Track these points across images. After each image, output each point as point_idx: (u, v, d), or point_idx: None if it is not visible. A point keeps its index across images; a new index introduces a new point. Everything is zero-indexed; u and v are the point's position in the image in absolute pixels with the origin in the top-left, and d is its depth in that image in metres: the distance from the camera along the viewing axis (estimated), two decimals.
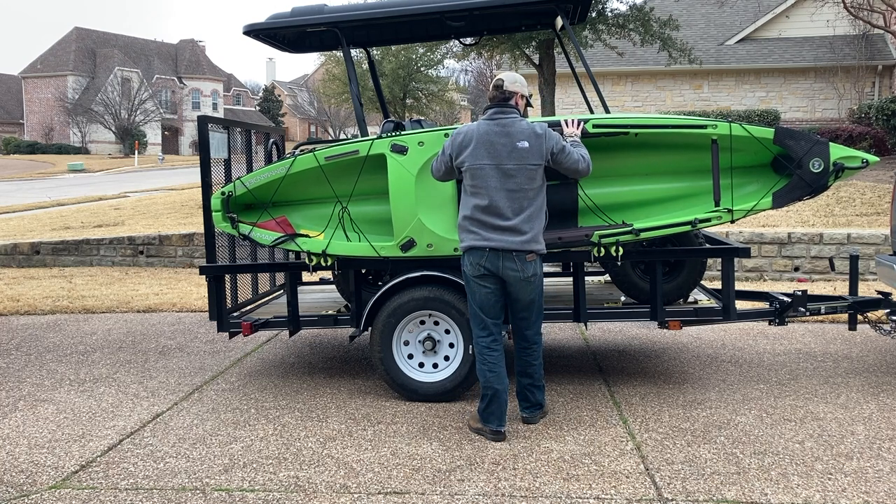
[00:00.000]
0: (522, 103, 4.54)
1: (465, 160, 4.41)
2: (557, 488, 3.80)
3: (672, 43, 17.10)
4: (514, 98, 4.47)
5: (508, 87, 4.45)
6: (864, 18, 21.12)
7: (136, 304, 8.72)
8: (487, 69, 44.12)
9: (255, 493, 3.82)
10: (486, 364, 4.48)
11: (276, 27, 5.32)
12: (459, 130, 4.50)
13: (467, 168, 4.42)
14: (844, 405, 4.96)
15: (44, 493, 3.87)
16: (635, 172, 5.10)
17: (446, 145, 4.52)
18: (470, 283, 4.49)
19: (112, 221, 14.87)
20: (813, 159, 4.85)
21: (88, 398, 5.44)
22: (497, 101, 4.45)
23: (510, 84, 4.46)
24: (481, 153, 4.37)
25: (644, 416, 4.82)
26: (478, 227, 4.40)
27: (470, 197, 4.43)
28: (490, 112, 4.45)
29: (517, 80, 4.52)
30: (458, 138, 4.46)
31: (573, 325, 7.35)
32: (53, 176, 35.53)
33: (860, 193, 13.10)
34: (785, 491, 3.73)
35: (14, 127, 62.52)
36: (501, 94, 4.44)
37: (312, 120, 73.90)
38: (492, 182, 4.36)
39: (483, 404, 4.50)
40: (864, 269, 9.43)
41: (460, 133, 4.47)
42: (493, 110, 4.44)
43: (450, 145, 4.50)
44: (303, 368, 6.09)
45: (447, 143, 4.52)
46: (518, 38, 16.55)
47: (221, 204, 5.21)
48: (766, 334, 6.94)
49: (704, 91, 24.48)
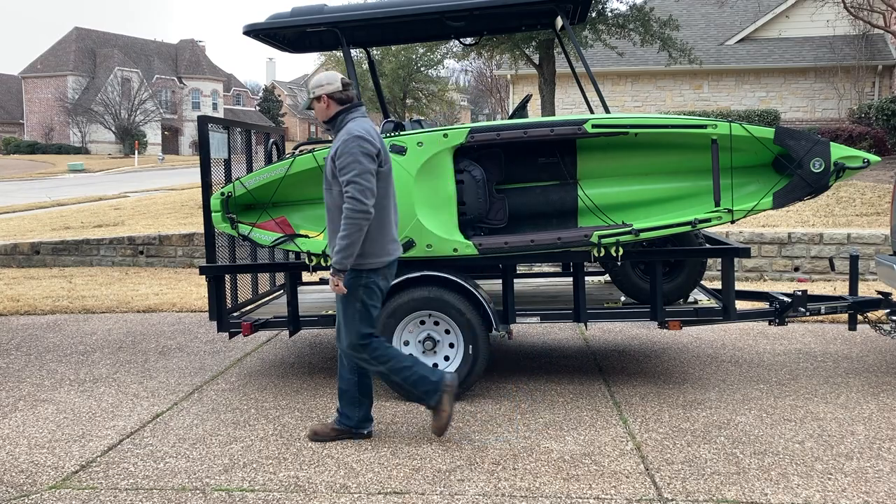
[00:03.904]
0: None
1: (383, 161, 4.26)
2: (557, 488, 3.80)
3: (672, 43, 17.10)
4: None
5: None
6: (864, 18, 21.12)
7: (136, 304, 8.72)
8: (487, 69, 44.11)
9: (255, 493, 3.82)
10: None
11: (276, 27, 5.32)
12: (366, 131, 4.17)
13: (387, 170, 4.28)
14: (844, 405, 4.96)
15: (44, 493, 3.87)
16: (635, 172, 5.10)
17: (369, 151, 4.13)
18: (376, 297, 4.36)
19: (112, 221, 14.87)
20: (814, 159, 4.85)
21: (88, 398, 5.44)
22: (358, 98, 4.42)
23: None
24: (387, 153, 4.33)
25: (644, 416, 4.82)
26: (394, 235, 4.40)
27: (384, 199, 4.28)
28: (362, 109, 4.34)
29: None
30: (374, 140, 4.20)
31: (573, 325, 7.35)
32: (53, 176, 35.53)
33: (860, 193, 13.09)
34: (785, 491, 3.73)
35: (14, 127, 62.51)
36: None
37: (312, 120, 73.90)
38: (392, 185, 4.36)
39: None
40: (864, 269, 9.42)
41: (368, 133, 4.17)
42: (362, 108, 4.35)
43: (373, 151, 4.16)
44: (303, 368, 6.08)
45: (368, 149, 4.13)
46: (518, 38, 16.55)
47: (221, 204, 5.21)
48: (766, 334, 6.94)
49: (704, 91, 24.48)
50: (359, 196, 4.07)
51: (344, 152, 4.13)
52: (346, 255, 4.14)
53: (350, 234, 4.11)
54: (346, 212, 4.10)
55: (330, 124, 4.35)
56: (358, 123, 4.23)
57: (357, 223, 4.10)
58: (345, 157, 4.12)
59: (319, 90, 4.31)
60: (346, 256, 4.14)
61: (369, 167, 4.12)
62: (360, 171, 4.09)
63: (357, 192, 4.07)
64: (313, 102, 4.36)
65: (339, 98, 4.30)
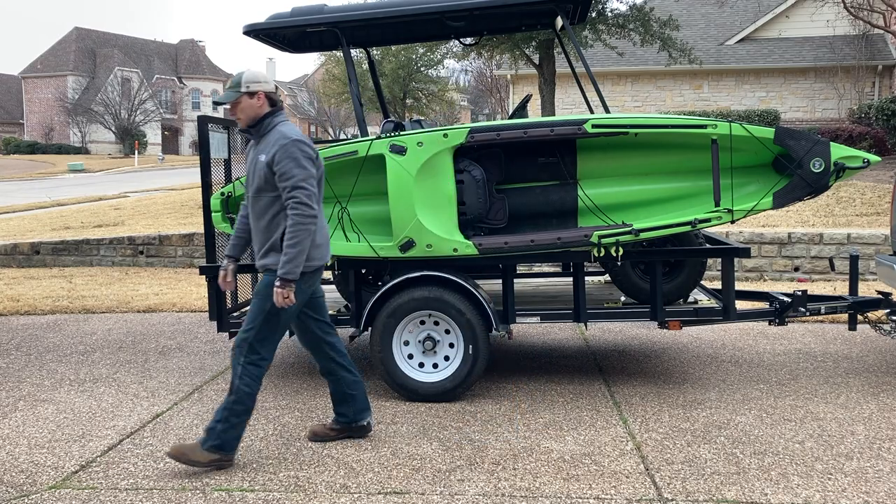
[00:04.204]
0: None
1: (320, 164, 4.17)
2: (557, 488, 3.80)
3: (672, 43, 17.10)
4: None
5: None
6: (864, 18, 21.12)
7: (136, 304, 8.72)
8: (487, 69, 44.11)
9: (255, 493, 3.82)
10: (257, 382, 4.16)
11: (276, 27, 5.32)
12: (300, 138, 4.04)
13: (321, 174, 4.17)
14: (844, 405, 4.96)
15: (44, 493, 3.87)
16: (635, 172, 5.09)
17: (309, 155, 4.04)
18: (289, 312, 4.14)
19: (112, 221, 14.87)
20: (814, 159, 4.85)
21: (88, 398, 5.44)
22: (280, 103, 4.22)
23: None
24: (320, 157, 4.23)
25: (644, 416, 4.82)
26: (323, 239, 4.23)
27: (317, 204, 4.13)
28: (285, 112, 4.20)
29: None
30: (310, 143, 4.09)
31: (573, 325, 7.35)
32: (53, 176, 35.53)
33: (860, 193, 13.09)
34: (785, 491, 3.73)
35: (14, 127, 62.51)
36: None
37: (312, 120, 73.87)
38: (322, 189, 4.23)
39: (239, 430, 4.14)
40: (864, 269, 9.43)
41: (301, 141, 4.04)
42: (284, 111, 4.20)
43: (312, 155, 4.07)
44: (303, 368, 6.08)
45: (309, 153, 4.04)
46: (518, 38, 16.54)
47: (221, 204, 5.21)
48: (766, 334, 6.94)
49: (704, 91, 24.48)
50: (306, 201, 3.96)
51: (285, 157, 3.97)
52: (296, 264, 3.97)
53: (300, 242, 3.96)
54: (293, 219, 3.95)
55: (254, 126, 4.13)
56: (289, 127, 4.09)
57: (307, 229, 3.97)
58: (286, 163, 3.96)
59: (257, 86, 4.09)
60: (297, 265, 3.97)
61: (312, 171, 4.02)
62: (305, 176, 3.97)
63: (305, 197, 3.95)
64: (243, 97, 4.09)
65: (273, 99, 4.15)
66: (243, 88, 4.07)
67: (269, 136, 4.07)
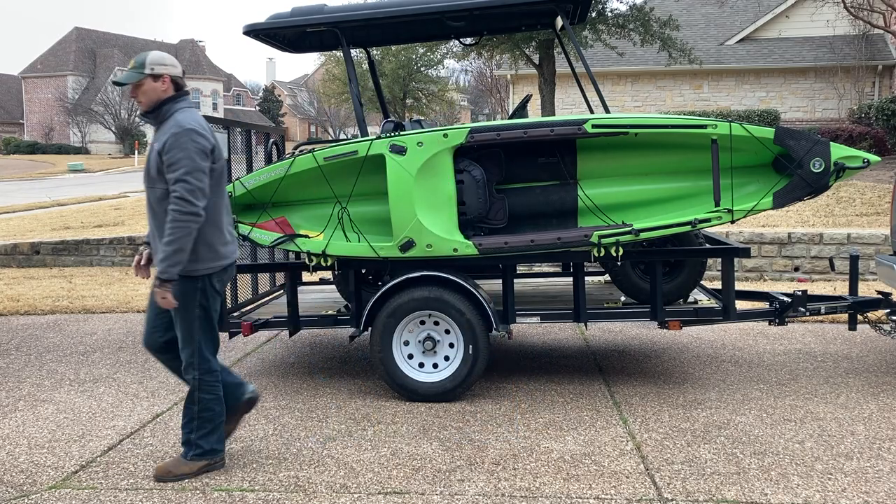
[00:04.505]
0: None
1: (217, 158, 3.85)
2: (557, 488, 3.80)
3: (672, 43, 17.11)
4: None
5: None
6: (864, 18, 21.12)
7: (136, 304, 8.72)
8: (487, 69, 44.11)
9: (255, 493, 3.82)
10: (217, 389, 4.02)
11: (276, 27, 5.32)
12: (198, 124, 3.78)
13: (221, 168, 3.88)
14: (844, 405, 4.96)
15: (44, 493, 3.87)
16: (635, 172, 5.09)
17: (202, 146, 3.74)
18: (215, 301, 3.96)
19: (112, 221, 14.86)
20: (814, 159, 4.85)
21: (88, 398, 5.44)
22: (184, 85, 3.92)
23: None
24: (221, 148, 3.92)
25: (644, 416, 4.82)
26: (231, 235, 3.98)
27: (219, 199, 3.89)
28: (189, 100, 3.91)
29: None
30: (208, 134, 3.79)
31: (573, 325, 7.35)
32: (53, 176, 35.52)
33: (860, 193, 13.09)
34: (785, 491, 3.73)
35: (14, 127, 62.51)
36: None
37: (312, 120, 73.88)
38: (224, 183, 3.95)
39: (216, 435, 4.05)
40: (864, 269, 9.42)
41: (202, 127, 3.78)
42: (189, 98, 3.91)
43: (206, 146, 3.76)
44: (303, 368, 6.08)
45: (202, 145, 3.74)
46: (518, 38, 16.56)
47: None
48: (766, 334, 6.94)
49: (704, 91, 24.48)
50: (188, 196, 3.66)
51: (174, 146, 3.68)
52: (173, 263, 3.69)
53: (178, 239, 3.66)
54: (172, 214, 3.66)
55: (154, 112, 3.83)
56: (188, 115, 3.80)
57: (185, 226, 3.66)
58: (175, 152, 3.68)
59: (162, 68, 3.81)
60: (173, 264, 3.69)
61: (202, 165, 3.71)
62: (191, 168, 3.68)
63: (186, 191, 3.66)
64: (146, 80, 3.79)
65: (178, 84, 3.87)
66: (147, 70, 3.79)
67: (166, 124, 3.79)
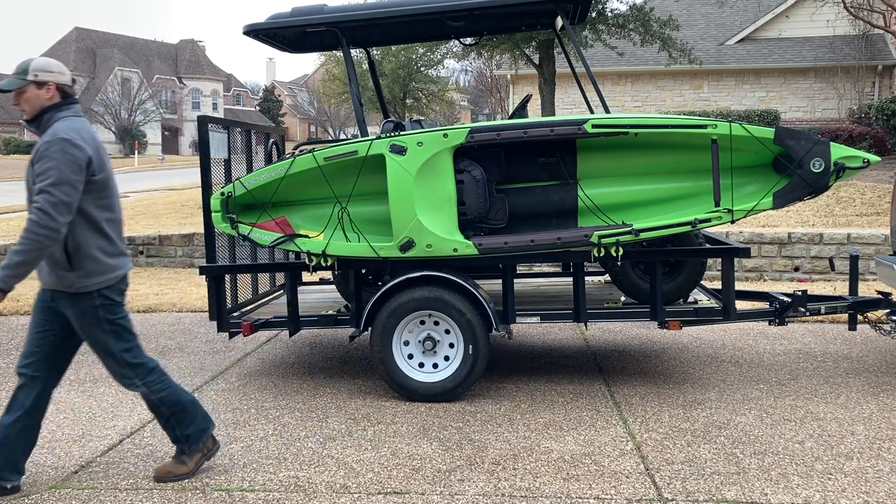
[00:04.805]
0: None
1: (97, 170, 3.59)
2: (557, 488, 3.80)
3: (672, 43, 17.10)
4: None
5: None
6: (864, 18, 21.12)
7: (135, 304, 8.72)
8: (487, 69, 44.11)
9: (255, 493, 3.82)
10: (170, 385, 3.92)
11: (276, 27, 5.32)
12: (76, 133, 3.53)
13: (104, 179, 3.64)
14: (844, 405, 4.96)
15: (44, 493, 3.87)
16: (635, 172, 5.09)
17: (75, 158, 3.47)
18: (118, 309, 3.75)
19: None
20: (814, 159, 4.85)
21: (88, 398, 5.43)
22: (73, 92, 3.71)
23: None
24: (106, 158, 3.67)
25: (644, 416, 4.82)
26: (122, 247, 3.78)
27: (104, 212, 3.65)
28: (76, 108, 3.68)
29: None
30: (85, 145, 3.53)
31: (573, 325, 7.35)
32: None
33: (860, 193, 13.09)
34: (785, 491, 3.73)
35: (14, 127, 62.45)
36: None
37: (312, 120, 73.88)
38: (117, 194, 3.73)
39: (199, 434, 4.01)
40: (864, 269, 9.42)
41: (80, 137, 3.53)
42: (76, 106, 3.70)
43: (80, 158, 3.50)
44: (303, 368, 6.08)
45: (74, 156, 3.47)
46: (518, 38, 16.55)
47: (221, 204, 5.21)
48: (766, 334, 6.94)
49: (704, 91, 24.47)
50: (49, 210, 3.40)
51: (44, 156, 3.45)
52: (15, 275, 3.42)
53: (27, 251, 3.42)
54: (28, 224, 3.42)
55: (36, 121, 3.62)
56: (68, 123, 3.56)
57: (38, 241, 3.41)
58: (44, 162, 3.45)
59: (47, 75, 3.61)
60: (15, 276, 3.43)
61: (71, 178, 3.45)
62: (58, 180, 3.43)
63: (49, 204, 3.40)
64: (29, 87, 3.59)
65: (65, 92, 3.66)
66: (30, 76, 3.59)
67: (46, 134, 3.56)
